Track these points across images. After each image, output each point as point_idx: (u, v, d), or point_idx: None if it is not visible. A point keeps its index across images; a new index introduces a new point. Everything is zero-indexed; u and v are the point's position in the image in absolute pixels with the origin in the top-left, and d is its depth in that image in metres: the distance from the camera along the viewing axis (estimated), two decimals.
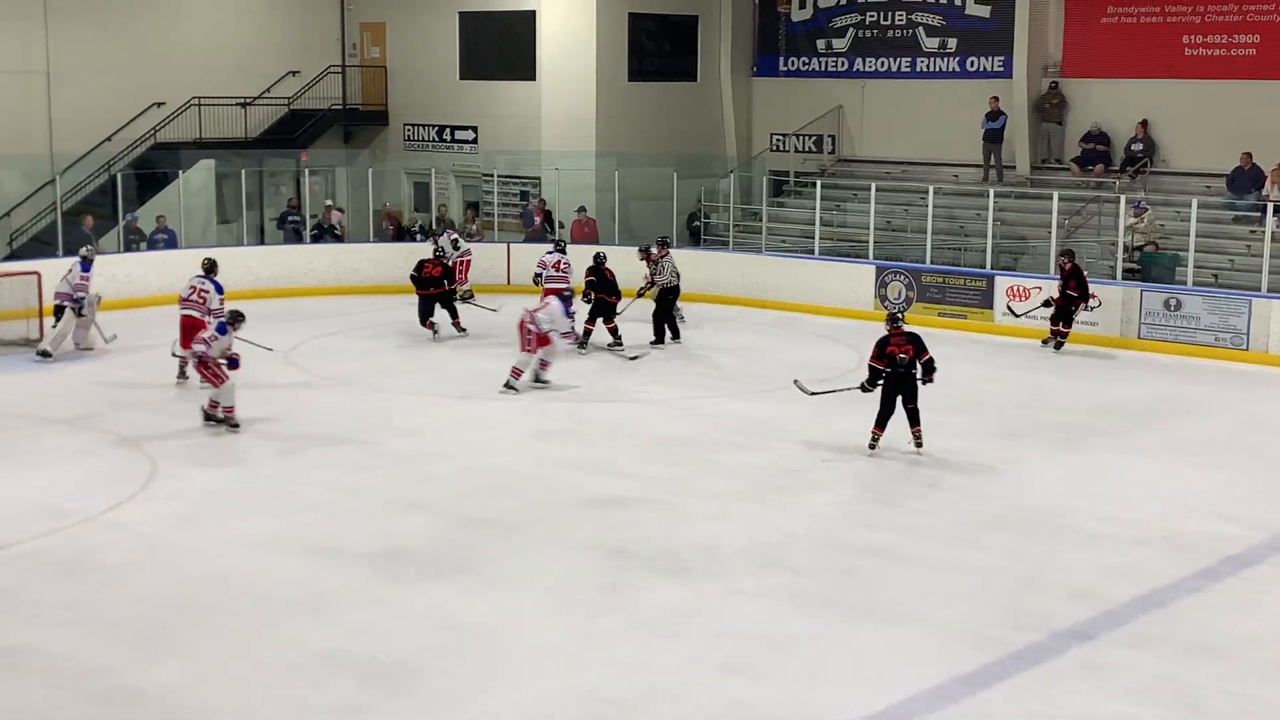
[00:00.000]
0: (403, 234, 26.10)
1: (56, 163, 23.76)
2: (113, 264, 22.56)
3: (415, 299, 20.38)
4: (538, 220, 25.91)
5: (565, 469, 13.75)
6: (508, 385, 16.46)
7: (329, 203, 26.55)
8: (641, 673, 9.08)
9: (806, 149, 27.58)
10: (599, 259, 19.53)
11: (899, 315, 14.25)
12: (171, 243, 23.88)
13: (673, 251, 20.52)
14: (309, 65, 27.74)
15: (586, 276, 19.38)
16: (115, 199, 23.63)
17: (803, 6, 27.70)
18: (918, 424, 13.95)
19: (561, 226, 25.46)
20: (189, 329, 16.35)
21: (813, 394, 14.40)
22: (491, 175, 26.72)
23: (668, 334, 19.97)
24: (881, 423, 14.05)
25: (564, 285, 19.50)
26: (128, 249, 23.61)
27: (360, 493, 12.86)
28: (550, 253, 20.24)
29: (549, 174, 26.27)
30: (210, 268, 17.26)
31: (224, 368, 14.82)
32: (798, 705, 8.65)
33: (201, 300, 16.74)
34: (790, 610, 10.21)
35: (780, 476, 13.53)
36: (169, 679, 8.92)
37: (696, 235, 26.30)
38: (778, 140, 28.08)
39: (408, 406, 16.27)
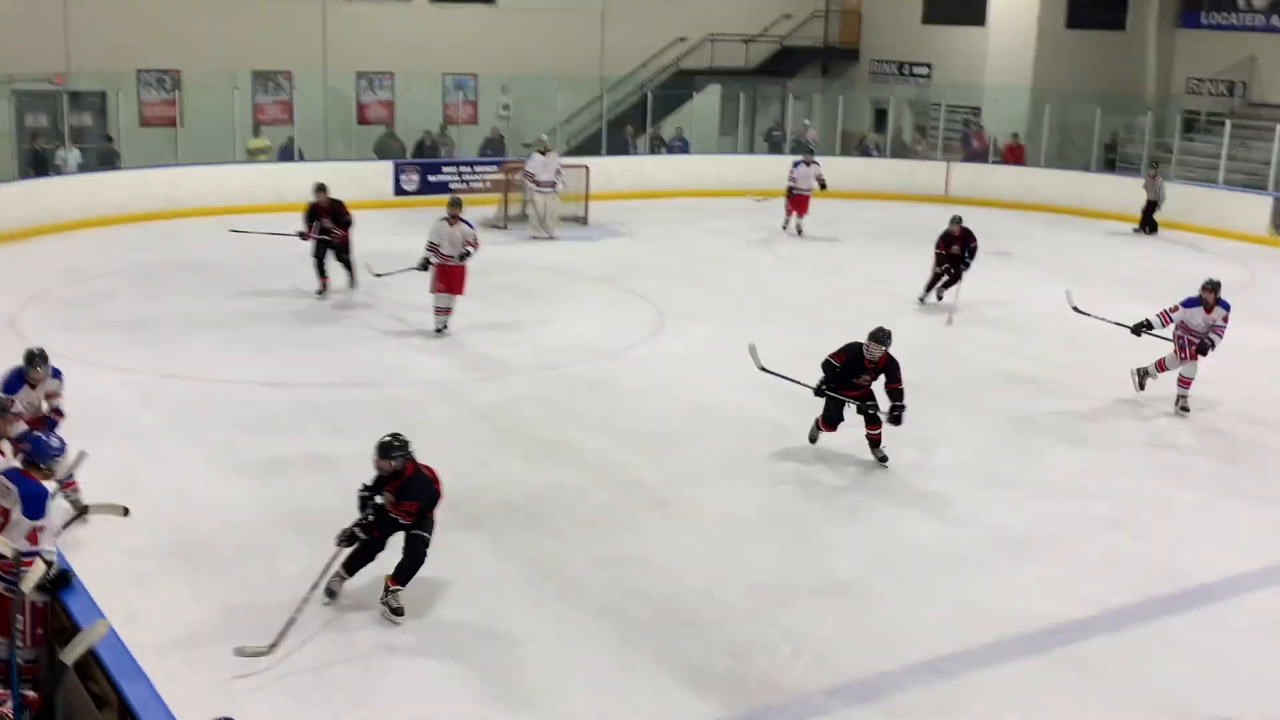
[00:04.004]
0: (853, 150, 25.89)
1: (604, 84, 24.78)
2: (640, 164, 23.64)
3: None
4: (976, 143, 25.13)
5: (987, 347, 13.40)
6: None
7: (806, 122, 26.55)
8: (1041, 519, 8.83)
9: (1219, 93, 25.23)
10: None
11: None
12: (684, 149, 24.57)
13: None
14: (799, 9, 27.47)
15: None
16: (646, 113, 24.49)
17: None
18: None
19: (997, 150, 24.62)
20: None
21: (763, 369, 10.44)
22: (940, 105, 25.96)
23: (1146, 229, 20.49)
24: None
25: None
26: (653, 152, 24.44)
27: (816, 353, 12.93)
28: (798, 164, 19.89)
29: (989, 106, 25.27)
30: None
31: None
32: (1169, 560, 8.23)
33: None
34: (1172, 482, 9.64)
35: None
36: (669, 477, 9.37)
37: (1112, 164, 24.77)
38: (1193, 84, 25.78)
39: (862, 290, 16.21)
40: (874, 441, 9.82)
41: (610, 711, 6.28)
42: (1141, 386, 11.60)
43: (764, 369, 10.03)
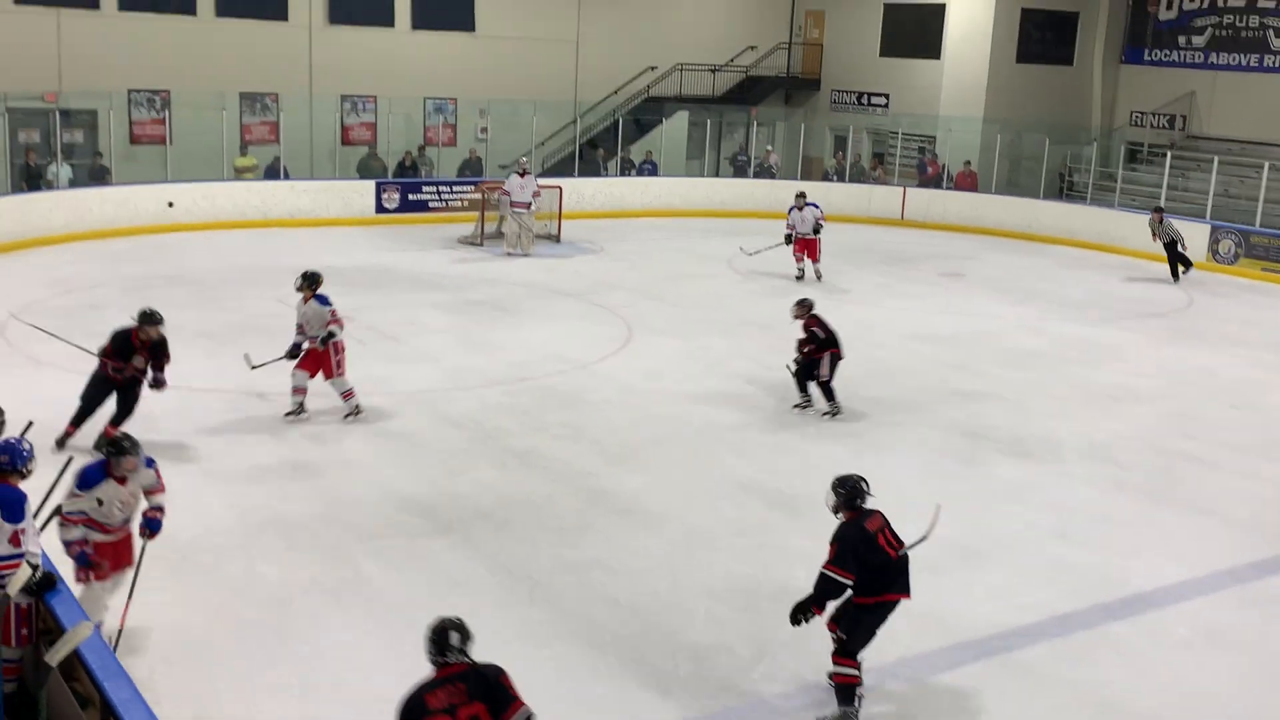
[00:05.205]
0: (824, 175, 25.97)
1: (578, 109, 24.79)
2: (611, 185, 23.68)
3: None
4: (930, 170, 25.33)
5: (937, 365, 13.45)
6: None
7: (769, 148, 26.66)
8: (987, 529, 8.88)
9: (1160, 125, 25.59)
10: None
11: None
12: (653, 171, 24.63)
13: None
14: (763, 41, 27.59)
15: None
16: (617, 137, 24.51)
17: (1169, 8, 25.51)
18: None
19: (950, 177, 24.80)
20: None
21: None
22: (896, 133, 26.15)
23: (1180, 270, 19.29)
24: None
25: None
26: (623, 174, 24.46)
27: (775, 368, 12.98)
28: (792, 209, 18.01)
29: (943, 134, 25.49)
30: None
31: None
32: (1109, 569, 8.27)
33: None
34: (1112, 494, 9.71)
35: (1114, 389, 12.76)
36: (634, 485, 9.35)
37: (1060, 191, 25.05)
38: (1137, 116, 26.13)
39: (821, 306, 16.18)
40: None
41: (575, 712, 6.24)
42: None
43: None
